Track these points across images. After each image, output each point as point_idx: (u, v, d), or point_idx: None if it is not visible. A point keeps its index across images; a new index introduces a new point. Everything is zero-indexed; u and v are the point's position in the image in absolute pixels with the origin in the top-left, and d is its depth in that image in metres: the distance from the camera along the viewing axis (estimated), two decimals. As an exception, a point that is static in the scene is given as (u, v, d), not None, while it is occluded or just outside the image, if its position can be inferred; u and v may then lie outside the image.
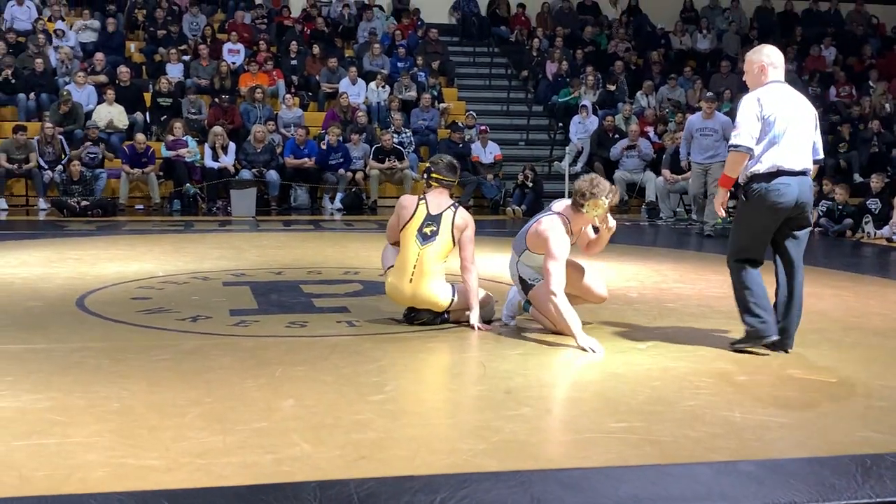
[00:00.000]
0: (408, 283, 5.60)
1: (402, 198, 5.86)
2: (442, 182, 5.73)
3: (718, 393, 4.33)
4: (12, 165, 13.65)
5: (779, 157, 4.99)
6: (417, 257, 5.57)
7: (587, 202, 5.42)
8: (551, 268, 5.31)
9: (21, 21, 17.16)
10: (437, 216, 5.61)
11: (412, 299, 5.65)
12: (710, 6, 21.05)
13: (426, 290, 5.60)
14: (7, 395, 4.08)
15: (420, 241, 5.59)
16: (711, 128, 11.62)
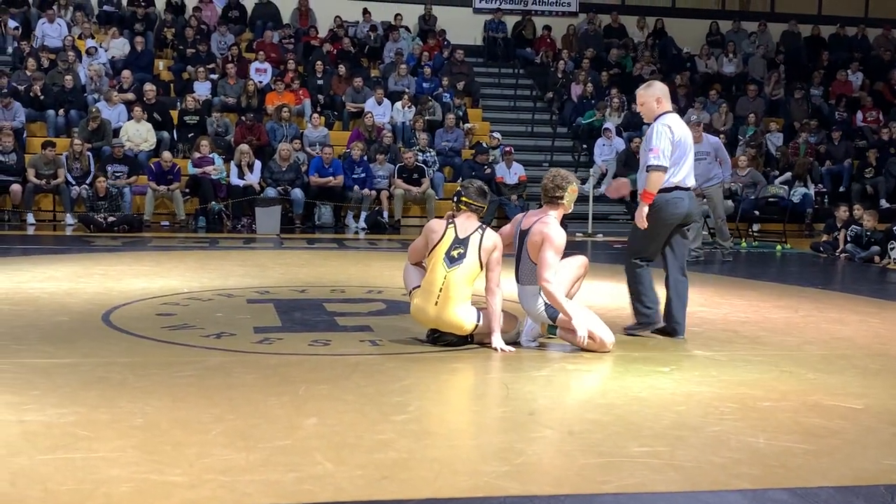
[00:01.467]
0: (433, 305, 5.59)
1: (432, 222, 5.85)
2: (471, 206, 5.72)
3: (742, 418, 4.29)
4: (40, 181, 13.80)
5: (678, 175, 5.99)
6: (444, 280, 5.56)
7: (566, 192, 5.71)
8: (547, 257, 5.48)
9: (52, 38, 17.41)
10: (465, 239, 5.61)
11: (436, 322, 5.64)
12: (736, 30, 21.04)
13: (451, 313, 5.58)
14: (33, 408, 4.11)
15: (447, 263, 5.57)
16: (704, 151, 11.30)
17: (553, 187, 5.73)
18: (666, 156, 5.87)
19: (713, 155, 11.22)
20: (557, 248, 5.57)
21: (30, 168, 13.87)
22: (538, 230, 5.62)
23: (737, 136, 17.02)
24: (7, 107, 14.93)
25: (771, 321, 6.95)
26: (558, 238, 5.58)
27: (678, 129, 5.98)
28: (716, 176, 11.21)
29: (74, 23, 18.07)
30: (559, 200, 5.72)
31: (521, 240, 5.77)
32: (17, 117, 15.01)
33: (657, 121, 6.01)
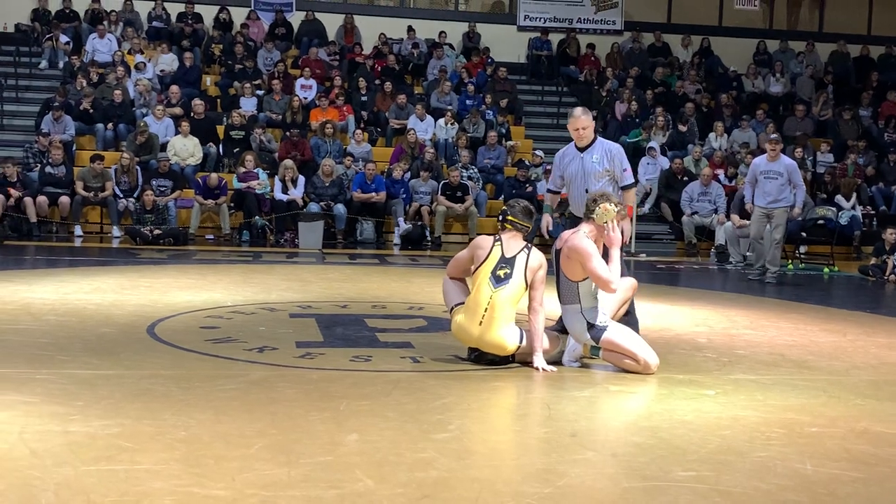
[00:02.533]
0: (477, 325, 5.53)
1: (479, 238, 5.83)
2: (517, 226, 5.70)
3: (789, 444, 4.22)
4: (89, 193, 14.00)
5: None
6: (490, 300, 5.50)
7: (597, 207, 5.66)
8: (597, 268, 5.45)
9: (102, 53, 17.71)
10: (511, 259, 5.56)
11: (479, 342, 5.60)
12: (783, 49, 20.85)
13: (495, 334, 5.52)
14: (78, 419, 4.15)
15: (493, 283, 5.52)
16: (776, 171, 11.08)
17: (589, 201, 5.76)
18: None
19: (786, 176, 10.98)
20: (593, 254, 5.52)
21: (78, 181, 14.09)
22: (568, 248, 5.62)
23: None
24: (58, 120, 15.19)
25: (818, 345, 6.84)
26: (586, 246, 5.53)
27: None
28: (785, 199, 10.97)
29: (124, 38, 18.37)
30: (590, 215, 5.72)
31: (556, 259, 5.76)
32: (67, 130, 15.27)
33: (606, 143, 6.73)
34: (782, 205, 10.97)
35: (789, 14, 22.60)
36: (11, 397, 4.50)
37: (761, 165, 11.18)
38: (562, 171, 6.80)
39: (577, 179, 6.66)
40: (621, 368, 5.56)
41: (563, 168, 6.79)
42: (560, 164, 6.82)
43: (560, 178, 6.86)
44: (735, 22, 21.61)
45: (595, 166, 6.57)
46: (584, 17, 20.96)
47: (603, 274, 5.50)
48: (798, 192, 11.01)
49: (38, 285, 8.54)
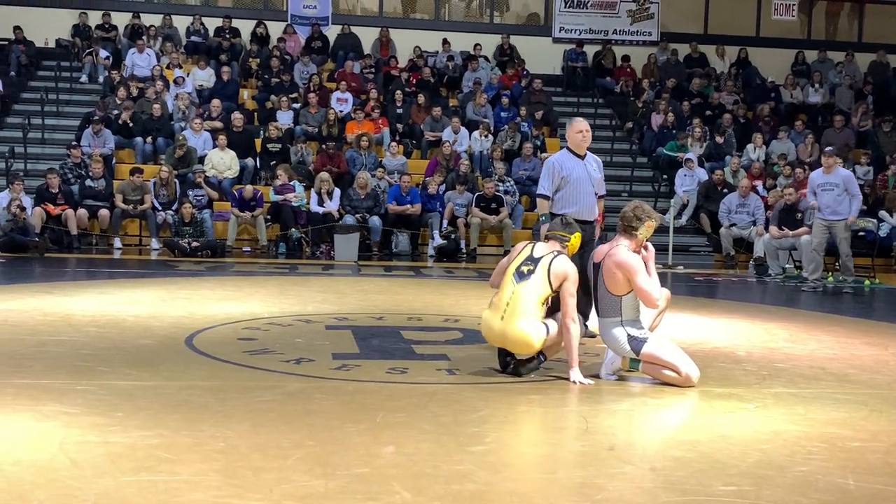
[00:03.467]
0: (499, 320, 5.56)
1: (519, 243, 5.91)
2: (556, 237, 5.79)
3: (831, 458, 4.16)
4: (128, 206, 14.17)
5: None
6: (512, 294, 5.56)
7: (642, 225, 5.65)
8: (642, 283, 5.45)
9: (141, 68, 17.94)
10: (538, 259, 5.62)
11: (503, 337, 5.58)
12: (822, 60, 20.65)
13: (517, 328, 5.49)
14: (117, 430, 4.19)
15: (516, 279, 5.58)
16: (832, 182, 11.28)
17: (632, 217, 5.69)
18: None
19: (842, 187, 11.14)
20: (640, 270, 5.53)
21: (118, 194, 14.27)
22: (611, 261, 5.58)
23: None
24: (97, 134, 15.40)
25: (859, 358, 6.74)
26: (633, 261, 5.54)
27: None
28: (843, 210, 11.28)
29: (163, 53, 18.60)
30: (634, 232, 5.68)
31: (595, 273, 5.74)
32: (107, 144, 15.47)
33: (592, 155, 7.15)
34: (841, 217, 11.31)
35: (828, 24, 22.39)
36: (52, 408, 4.55)
37: (818, 178, 11.62)
38: (560, 179, 7.00)
39: (584, 185, 6.97)
40: (660, 381, 5.51)
41: (567, 174, 6.98)
42: (559, 172, 7.01)
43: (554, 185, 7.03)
44: (773, 32, 21.45)
45: (595, 173, 7.06)
46: (619, 29, 20.92)
47: (650, 290, 5.50)
48: (854, 202, 11.28)
49: (79, 297, 8.65)
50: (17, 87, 17.95)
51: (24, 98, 17.81)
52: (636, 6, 20.94)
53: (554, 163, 7.12)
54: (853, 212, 11.32)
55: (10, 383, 5.07)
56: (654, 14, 20.98)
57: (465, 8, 22.49)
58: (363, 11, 21.62)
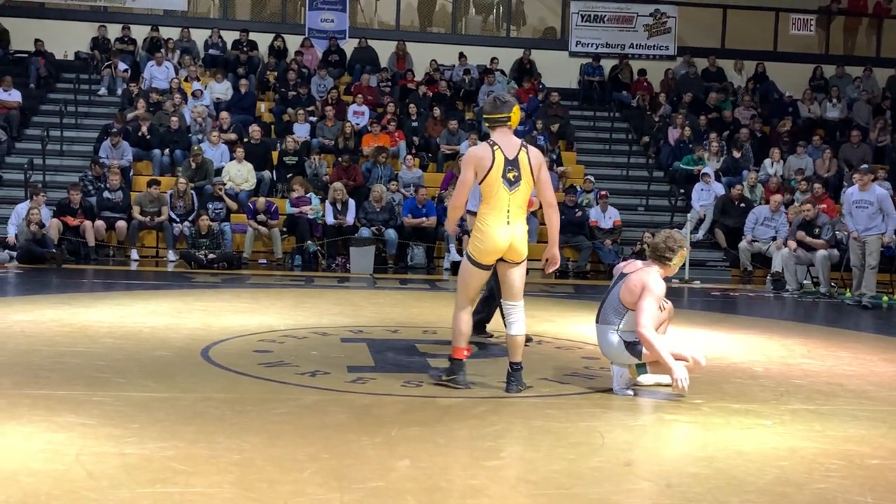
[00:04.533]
0: (506, 225, 5.47)
1: (473, 149, 5.67)
2: (492, 121, 5.63)
3: (849, 476, 4.12)
4: (145, 218, 14.24)
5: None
6: (509, 202, 5.49)
7: (675, 255, 5.67)
8: (646, 305, 5.46)
9: (159, 80, 18.05)
10: (515, 160, 5.51)
11: (509, 246, 5.49)
12: (840, 75, 20.58)
13: (520, 235, 5.52)
14: (133, 441, 4.20)
15: (508, 187, 5.48)
16: (867, 200, 11.53)
17: (665, 248, 5.68)
18: None
19: (877, 205, 11.47)
20: (658, 297, 5.55)
21: (135, 205, 14.34)
22: (639, 277, 5.60)
23: (841, 182, 16.56)
24: (116, 146, 15.49)
25: (878, 375, 6.69)
26: (658, 288, 5.57)
27: None
28: (876, 226, 11.45)
29: (181, 66, 18.71)
30: (667, 262, 5.69)
31: (615, 282, 5.76)
32: (125, 156, 15.57)
33: None
34: (874, 233, 11.44)
35: (846, 39, 22.31)
36: (69, 419, 4.56)
37: (854, 195, 11.86)
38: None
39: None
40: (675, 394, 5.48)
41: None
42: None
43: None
44: (790, 47, 21.39)
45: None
46: (636, 43, 20.91)
47: (648, 314, 5.47)
48: (889, 221, 11.54)
49: (96, 308, 8.68)
50: (36, 100, 18.09)
51: (44, 110, 17.94)
52: (653, 20, 20.94)
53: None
54: (889, 230, 11.53)
55: (27, 394, 5.09)
56: (671, 28, 20.97)
57: (481, 22, 22.54)
58: (380, 25, 21.70)
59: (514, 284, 5.63)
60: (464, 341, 5.68)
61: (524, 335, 5.71)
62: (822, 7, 21.69)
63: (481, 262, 5.54)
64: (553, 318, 9.28)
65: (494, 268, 5.68)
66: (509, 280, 5.63)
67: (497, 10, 22.35)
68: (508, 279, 5.64)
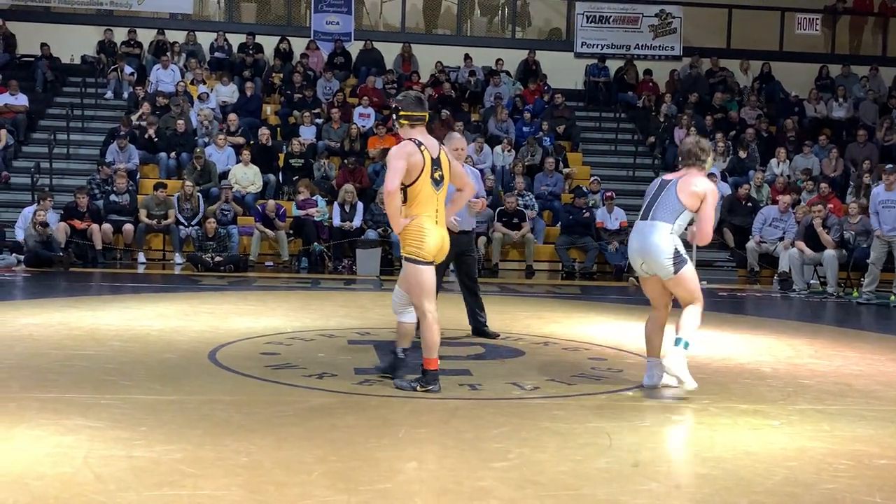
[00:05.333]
0: (435, 223, 5.58)
1: (401, 146, 5.63)
2: (412, 118, 5.66)
3: (857, 476, 4.11)
4: (152, 221, 14.26)
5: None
6: (437, 202, 5.61)
7: (708, 156, 5.81)
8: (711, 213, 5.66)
9: (165, 84, 18.08)
10: (437, 160, 5.62)
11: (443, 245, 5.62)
12: (846, 74, 20.54)
13: (446, 234, 5.69)
14: (141, 444, 4.20)
15: (435, 187, 5.59)
16: (894, 200, 11.69)
17: (699, 150, 5.77)
18: None
19: None
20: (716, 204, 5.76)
21: (142, 209, 14.37)
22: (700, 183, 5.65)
23: (848, 182, 16.52)
24: (122, 149, 15.53)
25: (886, 375, 6.67)
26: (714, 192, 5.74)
27: None
28: None
29: (187, 69, 18.74)
30: (702, 164, 5.77)
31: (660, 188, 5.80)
32: (132, 159, 15.60)
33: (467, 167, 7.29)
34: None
35: (852, 38, 22.25)
36: (77, 422, 4.57)
37: (880, 195, 12.10)
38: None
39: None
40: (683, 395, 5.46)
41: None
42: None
43: None
44: (796, 47, 21.36)
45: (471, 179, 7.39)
46: (641, 44, 20.89)
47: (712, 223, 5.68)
48: None
49: (103, 311, 8.70)
50: (43, 104, 18.13)
51: (50, 114, 17.98)
52: (658, 21, 20.92)
53: None
54: None
55: (35, 397, 5.10)
56: (676, 29, 20.95)
57: (486, 23, 22.54)
58: (385, 27, 21.72)
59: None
60: (434, 351, 5.64)
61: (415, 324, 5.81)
62: (828, 6, 21.65)
63: (428, 257, 5.59)
64: (559, 320, 9.28)
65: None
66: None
67: (502, 12, 22.34)
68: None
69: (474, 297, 8.01)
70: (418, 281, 5.56)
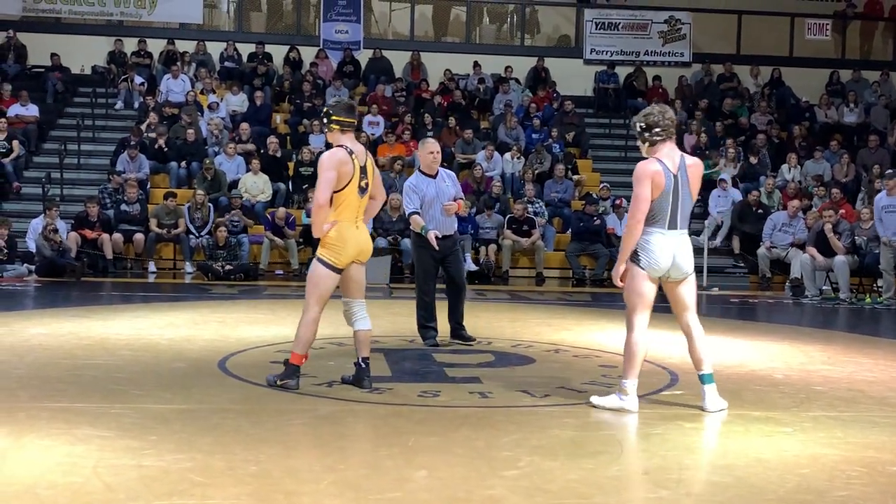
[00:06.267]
0: (356, 229, 5.74)
1: (332, 154, 5.69)
2: (343, 124, 5.76)
3: (870, 483, 4.08)
4: (162, 230, 14.29)
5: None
6: (359, 208, 5.76)
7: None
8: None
9: (175, 93, 18.14)
10: (364, 168, 5.75)
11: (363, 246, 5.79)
12: (856, 79, 20.46)
13: (368, 235, 5.88)
14: (151, 453, 4.20)
15: (360, 194, 5.74)
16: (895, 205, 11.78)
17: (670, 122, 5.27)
18: None
19: None
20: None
21: (152, 218, 14.41)
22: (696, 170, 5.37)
23: (859, 187, 16.44)
24: (133, 159, 15.58)
25: (899, 381, 6.62)
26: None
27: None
28: None
29: (197, 78, 18.80)
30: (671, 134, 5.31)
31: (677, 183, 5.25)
32: (142, 169, 15.65)
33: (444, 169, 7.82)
34: None
35: (862, 43, 22.19)
36: (87, 431, 4.57)
37: (882, 200, 12.19)
38: (420, 196, 7.67)
39: (437, 203, 7.63)
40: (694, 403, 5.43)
41: (421, 195, 7.67)
42: (417, 190, 7.70)
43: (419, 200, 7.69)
44: (806, 52, 21.29)
45: (448, 189, 7.70)
46: (651, 50, 20.87)
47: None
48: None
49: (114, 321, 8.72)
50: (53, 114, 18.21)
51: (61, 124, 18.06)
52: (667, 27, 20.89)
53: (410, 184, 7.81)
54: None
55: (45, 407, 5.11)
56: (685, 35, 20.92)
57: (495, 31, 22.55)
58: (394, 35, 21.75)
59: (363, 282, 5.94)
60: (304, 348, 5.79)
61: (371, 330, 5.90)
62: (838, 12, 21.59)
63: (339, 265, 5.73)
64: (570, 327, 9.25)
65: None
66: (358, 279, 5.89)
67: (511, 19, 22.34)
68: (357, 278, 5.89)
69: (457, 298, 7.96)
70: (318, 283, 5.79)
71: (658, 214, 5.25)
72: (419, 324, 7.84)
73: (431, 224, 7.63)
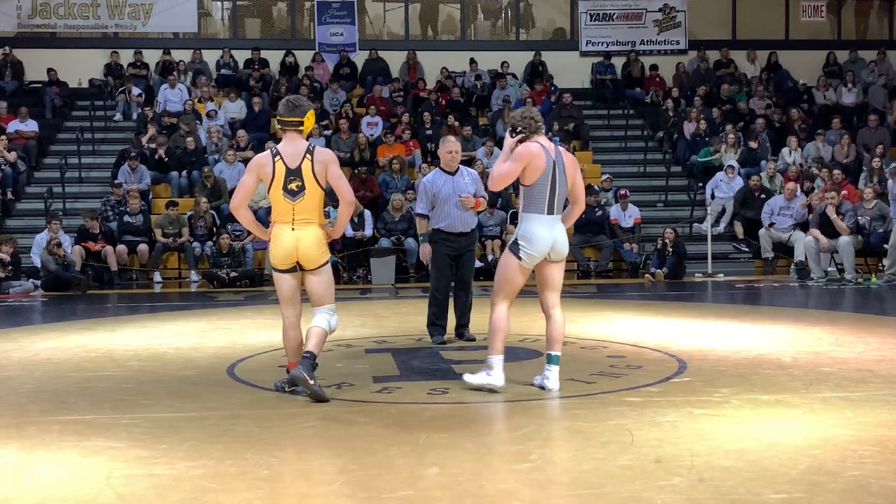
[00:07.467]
0: (290, 231, 5.51)
1: (259, 157, 5.66)
2: (283, 123, 5.55)
3: (884, 462, 4.07)
4: (167, 239, 14.31)
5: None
6: (293, 212, 5.51)
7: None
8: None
9: (173, 103, 18.16)
10: (297, 170, 5.46)
11: (297, 251, 5.51)
12: (853, 59, 20.43)
13: (307, 240, 5.50)
14: (162, 462, 4.21)
15: (290, 198, 5.50)
16: None
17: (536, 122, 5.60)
18: None
19: None
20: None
21: (156, 228, 14.43)
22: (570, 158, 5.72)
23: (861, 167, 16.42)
24: (134, 170, 15.60)
25: (908, 359, 6.61)
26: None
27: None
28: None
29: (194, 87, 18.82)
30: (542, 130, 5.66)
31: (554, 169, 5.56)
32: (143, 180, 15.67)
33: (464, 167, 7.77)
34: None
35: (858, 23, 22.15)
36: (98, 443, 4.58)
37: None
38: (433, 196, 7.61)
39: (453, 200, 7.54)
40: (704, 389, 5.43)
41: (437, 192, 7.58)
42: (431, 190, 7.63)
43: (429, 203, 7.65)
44: (802, 34, 21.27)
45: (467, 187, 7.60)
46: (647, 39, 20.85)
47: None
48: None
49: (121, 332, 8.73)
50: (52, 129, 18.25)
51: (60, 138, 18.09)
52: (662, 16, 20.87)
53: (426, 182, 7.76)
54: None
55: (56, 420, 5.12)
56: (680, 22, 20.90)
57: (490, 26, 22.54)
58: (389, 35, 21.76)
59: (315, 291, 5.66)
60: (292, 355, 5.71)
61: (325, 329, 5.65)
62: (832, -8, 21.58)
63: (279, 267, 5.61)
64: (576, 319, 9.23)
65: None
66: (309, 287, 5.66)
67: (505, 14, 22.35)
68: (308, 287, 5.66)
69: (463, 297, 7.92)
70: (276, 285, 5.68)
71: (538, 198, 5.57)
72: (429, 321, 7.80)
73: (447, 220, 7.55)
